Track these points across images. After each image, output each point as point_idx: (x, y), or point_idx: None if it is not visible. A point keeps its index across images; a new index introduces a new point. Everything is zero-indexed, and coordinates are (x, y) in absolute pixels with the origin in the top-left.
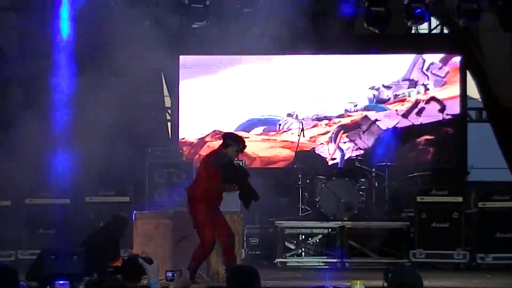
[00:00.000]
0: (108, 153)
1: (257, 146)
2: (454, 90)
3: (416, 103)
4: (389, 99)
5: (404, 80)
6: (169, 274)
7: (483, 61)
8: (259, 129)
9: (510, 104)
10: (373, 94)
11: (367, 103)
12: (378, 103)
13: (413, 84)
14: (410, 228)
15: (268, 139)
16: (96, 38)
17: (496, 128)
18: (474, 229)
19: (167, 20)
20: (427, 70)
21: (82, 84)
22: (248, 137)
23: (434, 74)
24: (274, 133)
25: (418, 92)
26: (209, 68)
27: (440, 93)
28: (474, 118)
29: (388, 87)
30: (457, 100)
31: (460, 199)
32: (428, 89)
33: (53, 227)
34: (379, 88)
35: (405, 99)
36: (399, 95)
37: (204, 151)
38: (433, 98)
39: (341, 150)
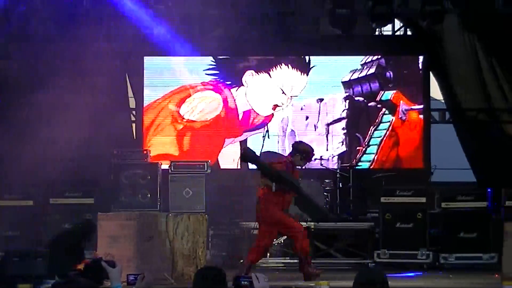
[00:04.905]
0: (73, 155)
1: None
2: (418, 90)
3: (381, 103)
4: (358, 100)
5: (372, 81)
6: (131, 277)
7: (447, 62)
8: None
9: (473, 105)
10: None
11: (336, 103)
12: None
13: (380, 84)
14: (375, 228)
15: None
16: (60, 37)
17: (458, 129)
18: (438, 230)
19: (132, 20)
20: (393, 70)
21: (47, 85)
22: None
23: (400, 74)
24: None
25: (385, 92)
26: (175, 69)
27: (405, 94)
28: (437, 119)
29: (355, 87)
30: (421, 101)
31: (423, 199)
32: (395, 90)
33: (17, 229)
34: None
35: (373, 99)
36: (367, 95)
37: None
38: (397, 98)
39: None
